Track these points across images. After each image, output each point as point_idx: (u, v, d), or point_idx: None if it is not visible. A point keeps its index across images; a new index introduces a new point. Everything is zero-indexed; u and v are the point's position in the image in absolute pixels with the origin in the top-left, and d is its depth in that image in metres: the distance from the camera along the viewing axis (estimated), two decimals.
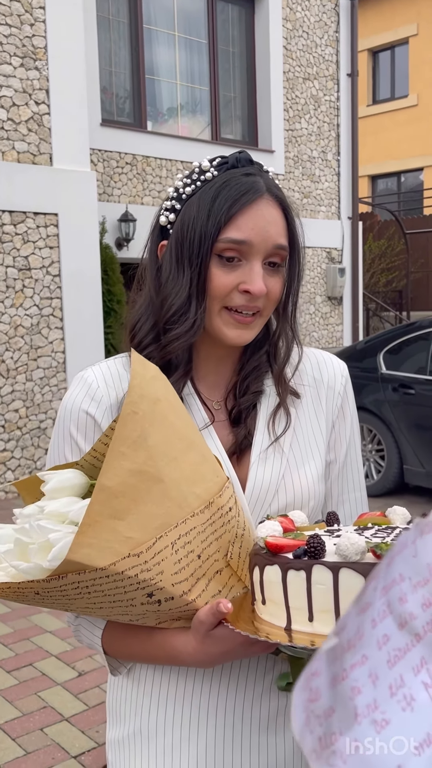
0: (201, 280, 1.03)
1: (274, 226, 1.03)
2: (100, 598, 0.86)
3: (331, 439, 1.16)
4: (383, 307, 13.55)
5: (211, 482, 0.93)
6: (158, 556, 0.85)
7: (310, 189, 10.16)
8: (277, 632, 0.82)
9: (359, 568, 0.77)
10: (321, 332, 10.33)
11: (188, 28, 8.86)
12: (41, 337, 6.46)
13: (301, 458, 1.11)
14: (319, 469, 1.12)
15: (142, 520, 0.85)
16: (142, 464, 0.85)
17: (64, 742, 2.90)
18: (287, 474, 1.08)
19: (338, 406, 1.17)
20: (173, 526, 0.87)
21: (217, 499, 0.92)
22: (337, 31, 10.40)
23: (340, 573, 0.78)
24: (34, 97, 6.30)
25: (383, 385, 6.18)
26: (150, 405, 0.88)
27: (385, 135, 18.04)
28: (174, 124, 8.92)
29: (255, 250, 1.02)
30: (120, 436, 0.85)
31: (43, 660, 3.55)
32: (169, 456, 0.88)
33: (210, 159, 1.07)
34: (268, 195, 1.04)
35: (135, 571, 0.83)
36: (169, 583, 0.86)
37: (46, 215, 6.42)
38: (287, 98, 9.75)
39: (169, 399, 0.92)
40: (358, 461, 1.20)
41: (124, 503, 0.84)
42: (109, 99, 8.21)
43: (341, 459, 1.17)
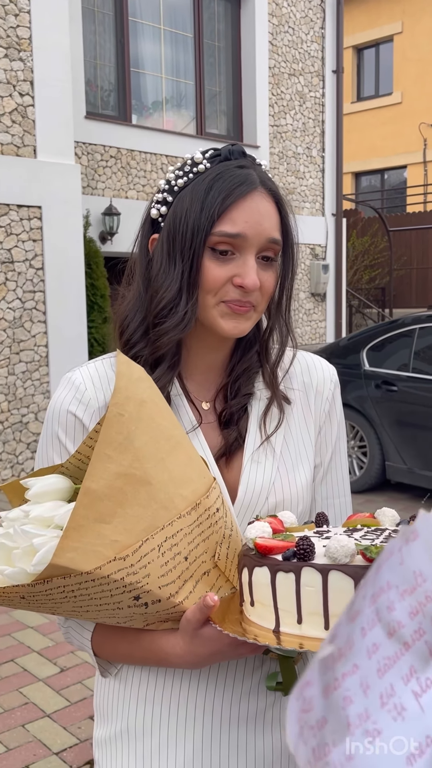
0: (193, 273, 1.01)
1: (267, 219, 1.02)
2: (86, 602, 0.86)
3: (317, 444, 1.15)
4: (366, 304, 13.60)
5: (198, 483, 0.92)
6: (144, 559, 0.84)
7: (295, 185, 10.17)
8: (266, 634, 0.81)
9: (348, 571, 0.77)
10: (304, 328, 10.35)
11: (174, 22, 8.82)
12: (24, 331, 6.42)
13: (292, 462, 1.10)
14: (308, 474, 1.12)
15: (127, 523, 0.84)
16: (128, 467, 0.85)
17: (45, 739, 2.89)
18: (278, 477, 1.08)
19: (326, 411, 1.16)
20: (160, 528, 0.86)
21: (204, 500, 0.92)
22: (322, 27, 10.40)
23: (330, 575, 0.78)
24: (18, 88, 6.24)
25: (366, 382, 6.21)
26: (136, 407, 0.87)
27: (369, 132, 18.08)
28: (159, 118, 8.88)
29: (248, 244, 1.00)
30: (105, 438, 0.84)
31: (25, 656, 3.53)
32: (156, 458, 0.87)
33: (203, 151, 1.05)
34: (261, 188, 1.02)
35: (121, 574, 0.83)
36: (155, 586, 0.86)
37: (29, 208, 6.37)
38: (272, 94, 9.73)
39: (155, 400, 0.91)
40: (343, 467, 1.20)
41: (109, 506, 0.83)
42: (94, 92, 8.16)
43: (326, 464, 1.17)
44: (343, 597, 0.77)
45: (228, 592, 0.96)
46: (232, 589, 0.96)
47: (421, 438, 5.86)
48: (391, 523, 0.94)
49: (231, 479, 1.07)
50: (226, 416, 1.09)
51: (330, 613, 0.78)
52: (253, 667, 1.05)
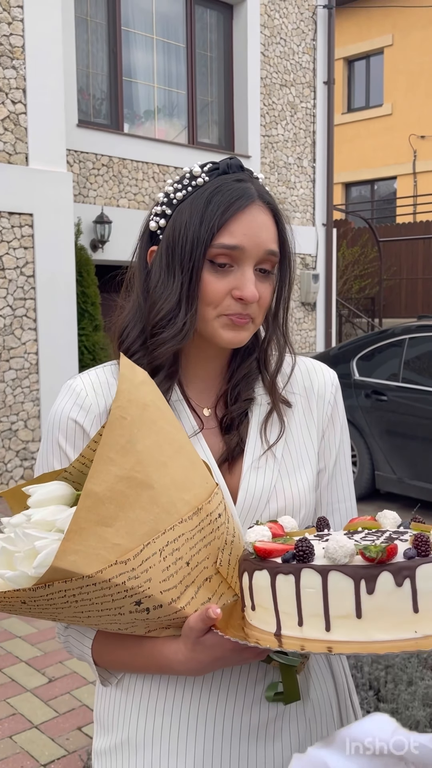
0: (192, 285, 1.02)
1: (265, 231, 1.03)
2: (87, 607, 0.85)
3: (321, 448, 1.15)
4: (356, 314, 13.65)
5: (201, 488, 0.92)
6: (146, 563, 0.84)
7: (286, 195, 10.20)
8: (267, 638, 0.81)
9: (348, 571, 0.77)
10: (294, 338, 10.36)
11: (166, 32, 8.85)
12: (14, 338, 6.39)
13: (293, 467, 1.10)
14: (310, 478, 1.12)
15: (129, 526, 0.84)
16: (130, 470, 0.84)
17: (33, 750, 2.86)
18: (279, 482, 1.08)
19: (328, 415, 1.17)
20: (161, 532, 0.86)
21: (206, 506, 0.91)
22: (314, 39, 10.46)
23: (329, 576, 0.78)
24: (10, 96, 6.24)
25: (356, 392, 6.22)
26: (139, 410, 0.87)
27: (360, 143, 18.19)
28: (151, 127, 8.90)
29: (247, 256, 1.02)
30: (108, 441, 0.84)
31: (13, 666, 3.50)
32: (158, 461, 0.87)
33: (201, 165, 1.06)
34: (259, 201, 1.04)
35: (122, 578, 0.82)
36: (157, 591, 0.85)
37: (21, 215, 6.36)
38: (264, 104, 9.78)
39: (158, 404, 0.91)
40: (347, 470, 1.20)
41: (111, 509, 0.83)
42: (86, 100, 8.17)
43: (331, 468, 1.17)
44: (344, 597, 0.77)
45: (230, 599, 0.96)
46: (235, 596, 0.96)
47: (411, 448, 5.88)
48: (392, 525, 0.94)
49: (232, 484, 1.07)
50: (227, 422, 1.10)
51: (330, 615, 0.78)
52: (256, 678, 1.05)
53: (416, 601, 0.77)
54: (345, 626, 0.78)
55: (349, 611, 0.77)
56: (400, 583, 0.77)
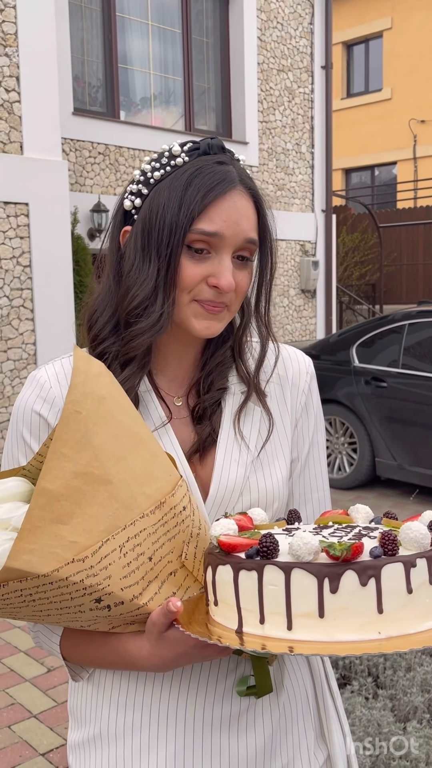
0: (170, 272, 0.98)
1: (245, 219, 1.00)
2: (46, 606, 0.83)
3: (294, 437, 1.12)
4: (356, 300, 13.60)
5: (163, 481, 0.89)
6: (105, 560, 0.82)
7: (284, 181, 10.14)
8: (229, 635, 0.80)
9: (312, 569, 0.75)
10: (294, 325, 10.33)
11: (162, 18, 8.77)
12: (11, 329, 6.37)
13: (267, 458, 1.08)
14: (284, 470, 1.09)
15: (87, 523, 0.81)
16: (86, 465, 0.82)
17: (32, 740, 2.86)
18: (252, 475, 1.05)
19: (302, 404, 1.14)
20: (121, 528, 0.84)
21: (170, 499, 0.89)
22: (311, 23, 10.37)
23: (292, 573, 0.76)
24: (4, 84, 6.19)
25: (356, 378, 6.19)
26: (94, 403, 0.84)
27: (359, 128, 18.07)
28: (147, 115, 8.84)
29: (226, 243, 0.98)
30: (62, 437, 0.81)
31: (12, 656, 3.50)
32: (116, 455, 0.85)
33: (181, 143, 1.01)
34: (241, 186, 1.00)
35: (80, 576, 0.80)
36: (117, 588, 0.83)
37: (16, 205, 6.32)
38: (261, 90, 9.70)
39: (116, 396, 0.88)
40: (321, 461, 1.17)
41: (67, 506, 0.80)
42: (82, 88, 8.11)
43: (303, 458, 1.14)
44: (306, 596, 0.75)
45: (197, 592, 0.94)
46: (201, 589, 0.94)
47: (411, 434, 5.86)
48: (364, 520, 0.92)
49: (204, 476, 1.04)
50: (199, 412, 1.07)
51: (293, 613, 0.76)
52: (227, 669, 1.03)
53: (381, 602, 0.75)
54: (307, 625, 0.76)
55: (311, 610, 0.76)
56: (365, 583, 0.75)
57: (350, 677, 2.79)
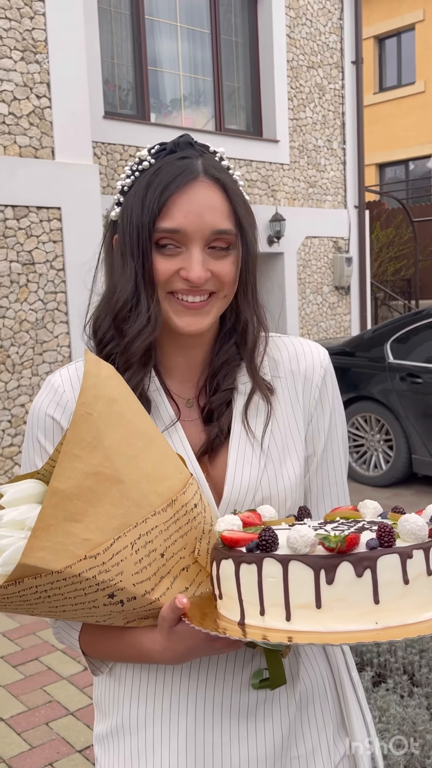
0: (146, 272, 1.00)
1: (210, 210, 0.99)
2: (61, 602, 0.85)
3: (309, 433, 1.11)
4: (392, 296, 13.46)
5: (175, 480, 0.91)
6: (117, 557, 0.84)
7: (316, 178, 10.09)
8: (233, 627, 0.82)
9: (308, 561, 0.77)
10: (329, 322, 10.27)
11: (190, 19, 8.80)
12: (46, 332, 6.46)
13: (279, 457, 1.07)
14: (296, 468, 1.08)
15: (99, 521, 0.84)
16: (98, 466, 0.84)
17: (69, 736, 2.90)
18: (264, 475, 1.05)
19: (316, 399, 1.12)
20: (133, 526, 0.86)
21: (181, 497, 0.91)
22: (341, 18, 10.30)
23: (290, 566, 0.78)
24: (35, 90, 6.27)
25: (391, 375, 6.14)
26: (105, 405, 0.87)
27: (393, 123, 17.88)
28: (178, 116, 8.87)
29: (190, 238, 0.99)
30: (73, 438, 0.83)
31: (49, 654, 3.55)
32: (127, 455, 0.87)
33: (150, 147, 1.03)
34: (204, 177, 1.00)
35: (93, 572, 0.82)
36: (130, 583, 0.85)
37: (49, 209, 6.40)
38: (291, 87, 9.67)
39: (126, 397, 0.90)
40: (339, 457, 1.15)
41: (79, 505, 0.83)
42: (112, 91, 8.17)
43: (320, 453, 1.12)
44: (304, 587, 0.77)
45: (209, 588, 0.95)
46: None
47: None
48: (372, 515, 0.92)
49: (217, 476, 1.05)
50: (208, 412, 1.08)
51: (291, 604, 0.78)
52: (243, 661, 1.04)
53: (377, 592, 0.76)
54: (305, 616, 0.77)
55: (309, 601, 0.77)
56: (360, 574, 0.76)
57: (385, 675, 2.77)
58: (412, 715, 2.44)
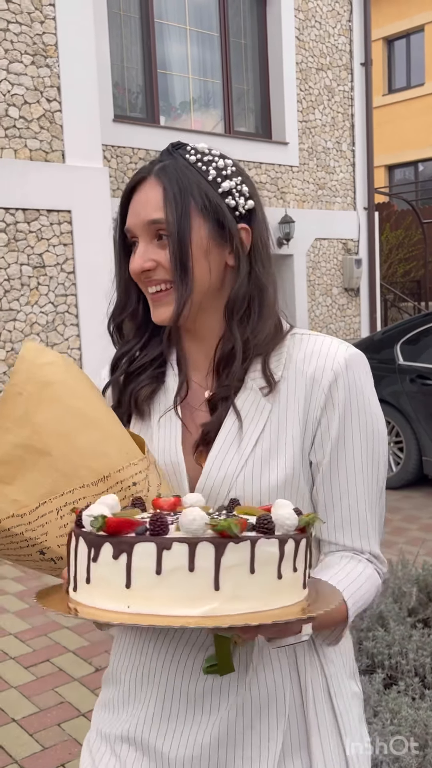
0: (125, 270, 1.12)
1: (145, 205, 1.07)
2: (10, 552, 1.00)
3: (317, 439, 1.08)
4: (401, 298, 13.44)
5: (116, 458, 1.00)
6: (42, 519, 0.96)
7: (325, 180, 10.09)
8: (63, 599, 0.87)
9: (87, 537, 0.83)
10: (338, 324, 10.27)
11: (200, 22, 8.82)
12: (57, 334, 6.48)
13: (264, 458, 1.06)
14: (282, 471, 1.06)
15: (27, 486, 0.96)
16: (27, 438, 0.97)
17: (81, 737, 2.91)
18: (242, 473, 1.05)
19: (321, 403, 1.07)
20: (60, 494, 0.96)
21: (115, 474, 0.98)
22: (350, 20, 10.30)
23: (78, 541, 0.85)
24: (45, 94, 6.31)
25: (401, 377, 6.13)
26: (37, 387, 0.99)
27: (402, 124, 17.86)
28: (187, 119, 8.89)
29: (138, 233, 1.08)
30: (4, 413, 0.97)
31: (61, 656, 3.56)
32: (59, 432, 0.98)
33: None
34: (152, 177, 1.08)
35: (20, 529, 0.96)
36: (54, 544, 0.97)
37: (59, 212, 6.43)
38: (300, 89, 9.67)
39: (68, 383, 1.01)
40: (352, 466, 1.08)
41: (9, 470, 0.96)
42: (122, 94, 8.20)
43: (326, 461, 1.08)
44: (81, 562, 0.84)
45: None
46: None
47: None
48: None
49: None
50: (212, 404, 1.11)
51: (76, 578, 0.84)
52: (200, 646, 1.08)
53: (129, 577, 0.79)
54: (82, 590, 0.84)
55: (82, 576, 0.83)
56: (116, 557, 0.80)
57: (397, 677, 2.77)
58: (423, 718, 2.43)
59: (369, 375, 1.11)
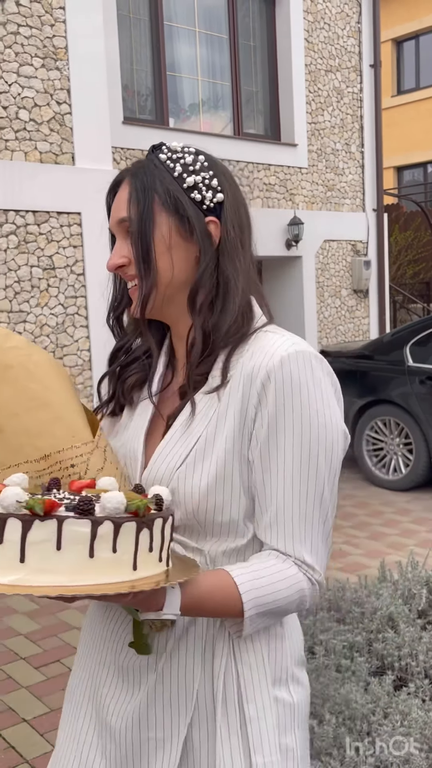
0: None
1: (116, 206, 1.14)
2: None
3: (252, 437, 1.06)
4: (410, 299, 13.42)
5: (61, 440, 1.06)
6: None
7: (334, 182, 10.09)
8: None
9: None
10: (347, 326, 10.26)
11: (209, 24, 8.84)
12: (66, 336, 6.51)
13: (197, 457, 1.07)
14: (212, 470, 1.05)
15: None
16: None
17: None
18: (178, 470, 1.07)
19: (254, 403, 1.04)
20: (6, 467, 1.04)
21: (56, 454, 1.05)
22: (359, 22, 10.30)
23: None
24: (55, 97, 6.33)
25: (410, 378, 6.12)
26: None
27: (411, 125, 17.83)
28: (196, 121, 8.91)
29: (114, 232, 1.16)
30: None
31: (71, 656, 3.57)
32: (11, 412, 1.05)
33: None
34: (127, 178, 1.14)
35: None
36: None
37: (69, 214, 6.45)
38: (309, 91, 9.68)
39: (28, 367, 1.08)
40: (280, 466, 1.04)
41: None
42: (131, 97, 8.22)
43: (258, 460, 1.05)
44: None
45: None
46: None
47: None
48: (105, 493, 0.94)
49: None
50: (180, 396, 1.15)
51: None
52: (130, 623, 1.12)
53: None
54: None
55: None
56: None
57: (407, 679, 2.77)
58: None
59: (316, 377, 1.04)
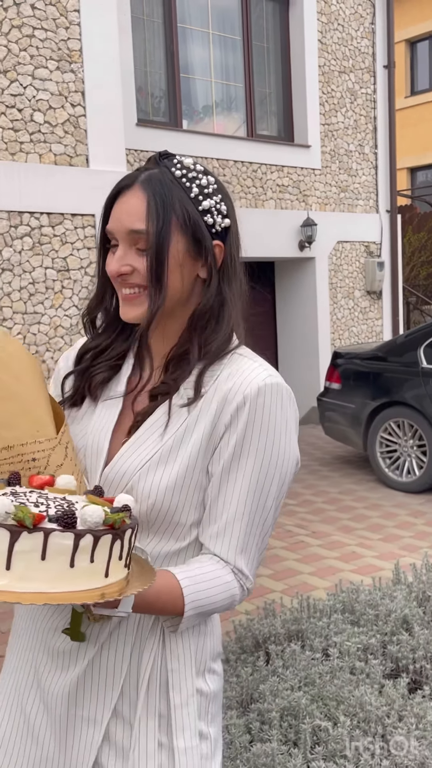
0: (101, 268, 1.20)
1: (128, 214, 1.13)
2: None
3: (216, 453, 1.13)
4: (424, 301, 13.37)
5: (25, 432, 1.09)
6: None
7: (348, 183, 10.07)
8: None
9: None
10: (360, 327, 10.24)
11: (222, 25, 8.85)
12: (80, 337, 6.53)
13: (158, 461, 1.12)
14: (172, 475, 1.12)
15: None
16: None
17: None
18: (143, 470, 1.12)
19: (226, 423, 1.12)
20: None
21: (19, 447, 1.08)
22: (372, 22, 10.28)
23: None
24: (70, 99, 6.36)
25: (424, 380, 6.10)
26: None
27: (425, 126, 17.76)
28: (209, 122, 8.92)
29: (119, 237, 1.14)
30: None
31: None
32: None
33: None
34: (137, 185, 1.14)
35: None
36: None
37: (83, 216, 6.48)
38: (323, 92, 9.67)
39: (2, 358, 1.11)
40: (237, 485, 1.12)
41: None
42: (145, 99, 8.25)
43: (217, 476, 1.13)
44: None
45: None
46: None
47: None
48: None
49: None
50: (151, 398, 1.18)
51: None
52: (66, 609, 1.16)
53: None
54: None
55: None
56: None
57: (421, 682, 2.76)
58: None
59: (284, 409, 1.13)
